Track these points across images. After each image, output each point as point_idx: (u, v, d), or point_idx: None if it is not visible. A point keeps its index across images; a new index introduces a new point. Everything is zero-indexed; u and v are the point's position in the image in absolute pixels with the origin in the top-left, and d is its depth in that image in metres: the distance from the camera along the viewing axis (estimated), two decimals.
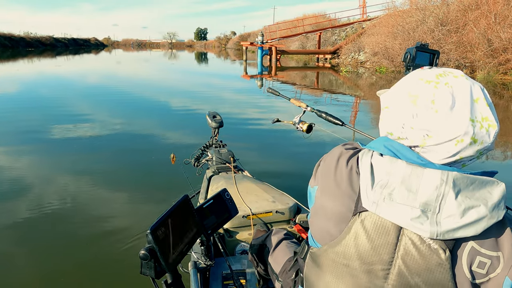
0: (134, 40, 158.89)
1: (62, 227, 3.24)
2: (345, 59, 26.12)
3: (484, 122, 0.75)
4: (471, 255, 0.73)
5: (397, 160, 0.78)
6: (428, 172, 0.74)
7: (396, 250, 0.77)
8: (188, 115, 8.41)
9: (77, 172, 4.56)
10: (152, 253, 1.02)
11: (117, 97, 11.12)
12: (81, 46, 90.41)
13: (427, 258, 0.75)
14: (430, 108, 0.77)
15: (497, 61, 15.10)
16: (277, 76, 18.96)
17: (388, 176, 0.77)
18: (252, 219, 1.93)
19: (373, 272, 0.80)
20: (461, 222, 0.71)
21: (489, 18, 15.74)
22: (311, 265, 0.94)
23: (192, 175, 2.85)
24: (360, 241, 0.80)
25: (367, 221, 0.79)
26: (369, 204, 0.78)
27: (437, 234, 0.72)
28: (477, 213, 0.71)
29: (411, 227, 0.74)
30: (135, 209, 3.59)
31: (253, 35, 54.63)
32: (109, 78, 18.05)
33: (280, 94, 2.39)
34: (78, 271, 2.62)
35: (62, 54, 46.58)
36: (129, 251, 2.84)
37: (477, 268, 0.73)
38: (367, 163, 0.80)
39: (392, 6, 23.60)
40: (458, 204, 0.71)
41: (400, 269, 0.77)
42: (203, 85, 15.08)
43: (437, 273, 0.74)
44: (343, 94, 12.76)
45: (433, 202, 0.72)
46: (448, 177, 0.72)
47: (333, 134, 2.32)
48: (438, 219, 0.72)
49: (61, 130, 6.67)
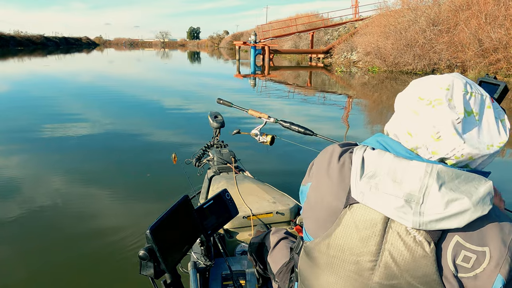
0: (126, 39, 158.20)
1: (58, 228, 3.22)
2: (338, 59, 26.21)
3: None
4: (455, 249, 0.74)
5: (385, 153, 0.81)
6: (414, 164, 0.76)
7: (383, 242, 0.79)
8: (181, 115, 8.39)
9: (77, 173, 4.53)
10: (152, 253, 1.02)
11: (110, 96, 11.04)
12: (73, 45, 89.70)
13: (412, 250, 0.76)
14: (422, 101, 0.81)
15: (487, 61, 15.25)
16: (270, 76, 18.97)
17: (375, 168, 0.80)
18: (252, 219, 1.93)
19: (361, 263, 0.82)
20: (444, 214, 0.72)
21: (479, 19, 15.89)
22: (304, 259, 0.96)
23: (193, 175, 2.85)
24: (349, 233, 0.82)
25: (356, 213, 0.82)
26: (357, 194, 0.81)
27: (420, 224, 0.74)
28: (460, 205, 0.72)
29: (395, 217, 0.76)
30: (134, 209, 3.58)
31: (246, 35, 54.62)
32: (102, 77, 17.92)
33: (234, 105, 2.37)
34: (76, 272, 2.61)
35: (53, 53, 46.18)
36: (129, 251, 2.83)
37: (461, 262, 0.74)
38: (359, 157, 0.84)
39: (384, 6, 23.71)
40: (442, 196, 0.73)
41: (387, 260, 0.79)
42: (197, 85, 15.04)
43: (422, 265, 0.75)
44: (336, 94, 12.81)
45: (417, 193, 0.74)
46: (433, 169, 0.74)
47: (299, 145, 2.33)
48: (421, 209, 0.74)
49: (52, 129, 6.62)
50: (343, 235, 0.83)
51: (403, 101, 0.85)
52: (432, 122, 0.77)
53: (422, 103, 0.79)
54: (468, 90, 0.78)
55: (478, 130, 0.77)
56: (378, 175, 0.79)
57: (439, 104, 0.77)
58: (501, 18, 15.18)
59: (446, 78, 0.80)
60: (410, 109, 0.81)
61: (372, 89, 13.92)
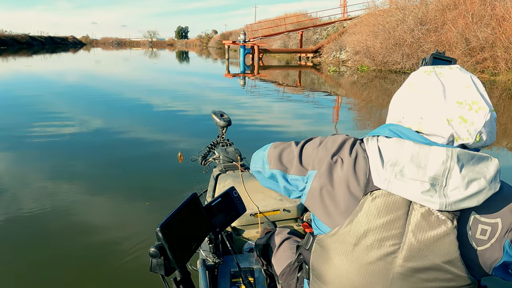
0: (114, 38, 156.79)
1: (68, 227, 3.18)
2: (327, 58, 26.34)
3: (474, 105, 0.81)
4: (474, 225, 0.81)
5: (404, 141, 0.84)
6: (435, 149, 0.80)
7: (406, 224, 0.82)
8: (170, 114, 8.34)
9: (77, 172, 4.49)
10: (162, 250, 1.02)
11: (95, 96, 10.93)
12: (59, 45, 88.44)
13: (436, 229, 0.80)
14: (424, 94, 0.86)
15: (474, 59, 15.47)
16: (260, 75, 18.98)
17: (397, 155, 0.83)
18: (259, 217, 1.94)
19: (383, 248, 0.83)
20: (466, 194, 0.77)
21: (466, 18, 16.12)
22: (318, 252, 0.94)
23: (198, 173, 2.85)
24: (372, 218, 0.84)
25: (378, 199, 0.84)
26: (381, 182, 0.83)
27: (446, 205, 0.78)
28: (478, 185, 0.78)
29: (423, 201, 0.80)
30: (140, 208, 3.57)
31: (235, 34, 54.54)
32: (90, 77, 17.72)
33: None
34: (88, 270, 2.61)
35: (38, 52, 45.51)
36: (139, 249, 2.83)
37: (479, 235, 0.81)
38: (374, 147, 0.87)
39: (372, 6, 23.91)
40: (462, 177, 0.78)
41: (410, 242, 0.81)
42: (186, 85, 14.98)
43: (446, 243, 0.79)
44: (326, 93, 12.88)
45: (441, 176, 0.79)
46: (453, 153, 0.79)
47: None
48: (445, 191, 0.79)
49: (43, 130, 6.54)
50: (365, 221, 0.84)
51: (408, 94, 0.90)
52: (466, 117, 0.81)
53: (462, 106, 0.82)
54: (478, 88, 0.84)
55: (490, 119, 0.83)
56: (401, 162, 0.82)
57: (480, 109, 0.81)
58: (487, 17, 15.42)
59: (466, 78, 0.85)
60: (450, 116, 0.82)
61: (361, 88, 14.02)
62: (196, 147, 3.25)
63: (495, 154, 5.60)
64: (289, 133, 6.60)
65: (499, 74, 14.60)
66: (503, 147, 5.95)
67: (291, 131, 6.75)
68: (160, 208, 3.46)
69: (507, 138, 6.50)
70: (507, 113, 8.62)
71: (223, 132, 2.76)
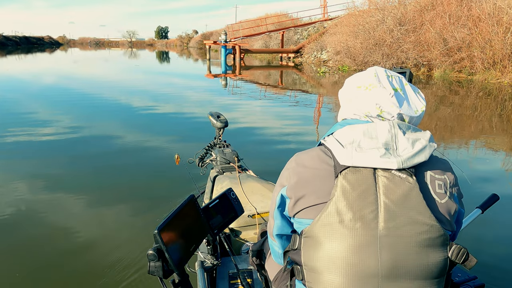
0: (92, 38, 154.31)
1: (62, 233, 3.09)
2: (308, 58, 26.54)
3: (370, 86, 1.06)
4: (432, 181, 0.96)
5: (354, 125, 1.01)
6: (380, 123, 0.99)
7: (376, 190, 0.92)
8: (152, 115, 8.26)
9: (78, 173, 4.43)
10: (160, 253, 1.02)
11: (76, 97, 10.73)
12: (34, 45, 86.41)
13: (402, 186, 0.92)
14: (360, 88, 1.08)
15: (452, 59, 15.85)
16: (242, 76, 18.98)
17: (352, 135, 0.98)
18: (257, 218, 1.93)
19: (365, 217, 0.90)
20: (414, 151, 0.94)
21: (444, 19, 16.48)
22: (308, 245, 0.96)
23: (195, 175, 2.82)
24: (347, 193, 0.92)
25: (348, 175, 0.94)
26: (344, 159, 0.95)
27: (402, 162, 0.92)
28: (421, 143, 0.97)
29: (383, 163, 0.93)
30: (138, 209, 3.51)
31: (216, 34, 54.40)
32: (67, 78, 17.38)
33: None
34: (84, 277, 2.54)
35: (12, 53, 44.41)
36: (137, 253, 2.75)
37: (438, 190, 0.96)
38: (332, 139, 1.02)
39: (352, 6, 24.18)
40: (407, 139, 0.96)
41: (386, 203, 0.91)
42: (167, 85, 14.86)
43: (413, 197, 0.91)
44: (307, 93, 12.97)
45: (391, 141, 0.96)
46: (394, 123, 0.99)
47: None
48: (398, 152, 0.95)
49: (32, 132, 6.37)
50: (343, 197, 0.92)
51: (346, 93, 1.13)
52: (374, 100, 1.03)
53: (360, 90, 1.07)
54: (389, 74, 1.08)
55: (407, 101, 1.05)
56: (357, 139, 0.97)
57: (374, 87, 1.04)
58: (463, 18, 15.82)
59: (370, 69, 1.10)
60: (353, 96, 1.09)
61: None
62: (175, 149, 3.20)
63: (472, 151, 5.74)
64: (271, 134, 6.62)
65: (476, 73, 14.99)
66: (481, 147, 6.10)
67: (275, 132, 6.78)
68: (158, 211, 3.40)
69: (484, 135, 6.66)
70: (484, 112, 8.83)
71: (220, 134, 2.74)
